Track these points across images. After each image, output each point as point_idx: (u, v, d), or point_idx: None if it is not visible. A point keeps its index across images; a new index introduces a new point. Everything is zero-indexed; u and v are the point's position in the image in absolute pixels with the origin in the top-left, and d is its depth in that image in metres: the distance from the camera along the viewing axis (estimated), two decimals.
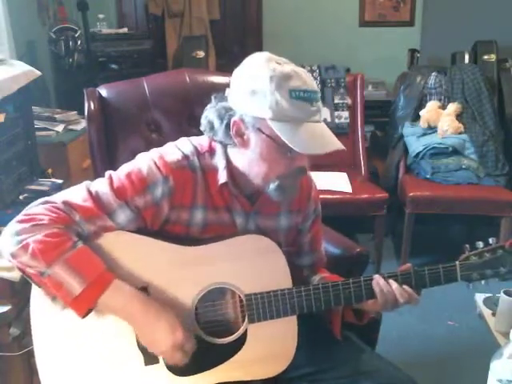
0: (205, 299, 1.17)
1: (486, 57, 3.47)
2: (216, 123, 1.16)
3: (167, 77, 1.99)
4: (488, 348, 1.28)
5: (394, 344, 2.30)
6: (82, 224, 1.09)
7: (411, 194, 2.87)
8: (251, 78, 1.09)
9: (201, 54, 4.01)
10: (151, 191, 1.13)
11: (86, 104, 1.70)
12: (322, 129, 1.11)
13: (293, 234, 1.34)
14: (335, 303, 1.20)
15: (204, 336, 1.18)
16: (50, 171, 2.29)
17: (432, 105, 3.24)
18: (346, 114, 3.36)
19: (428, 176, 3.03)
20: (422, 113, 3.24)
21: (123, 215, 1.12)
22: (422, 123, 3.21)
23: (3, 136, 1.98)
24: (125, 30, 4.04)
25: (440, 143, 3.08)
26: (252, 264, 1.18)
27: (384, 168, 3.43)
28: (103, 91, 1.73)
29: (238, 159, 1.17)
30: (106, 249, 1.11)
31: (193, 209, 1.18)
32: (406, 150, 3.24)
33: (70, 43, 3.41)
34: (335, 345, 1.31)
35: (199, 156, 1.19)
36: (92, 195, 1.11)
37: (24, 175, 2.10)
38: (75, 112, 2.88)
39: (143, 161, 1.16)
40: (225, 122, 1.14)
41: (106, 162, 1.68)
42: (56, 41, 3.43)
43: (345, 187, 2.91)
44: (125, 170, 1.15)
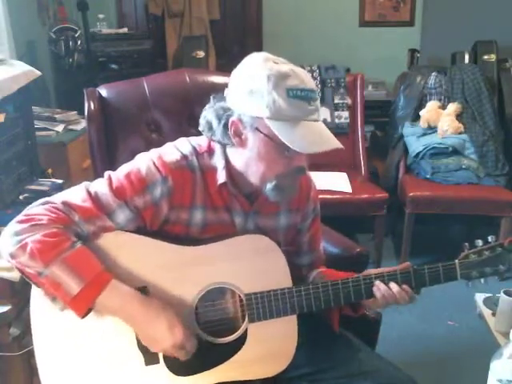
0: (205, 299, 1.17)
1: (486, 57, 3.47)
2: (214, 123, 1.16)
3: (167, 77, 1.99)
4: (488, 348, 1.28)
5: (394, 344, 2.30)
6: (82, 224, 1.09)
7: (411, 194, 2.87)
8: (249, 78, 1.09)
9: (201, 54, 4.01)
10: (150, 191, 1.13)
11: (86, 104, 1.70)
12: (320, 128, 1.10)
13: (292, 234, 1.34)
14: (335, 302, 1.20)
15: (204, 336, 1.18)
16: (50, 171, 2.29)
17: (432, 105, 3.24)
18: (346, 114, 3.36)
19: (428, 176, 3.03)
20: (422, 113, 3.24)
21: (122, 215, 1.12)
22: (422, 123, 3.21)
23: (3, 136, 1.98)
24: (125, 30, 4.04)
25: (440, 143, 3.08)
26: (252, 263, 1.18)
27: (384, 168, 3.43)
28: (103, 91, 1.74)
29: (237, 159, 1.17)
30: (106, 249, 1.11)
31: (192, 209, 1.18)
32: (406, 150, 3.24)
33: (70, 43, 3.41)
34: (335, 345, 1.31)
35: (198, 156, 1.19)
36: (91, 195, 1.11)
37: (24, 175, 2.10)
38: (75, 112, 2.88)
39: (142, 161, 1.17)
40: (223, 122, 1.14)
41: (106, 162, 1.68)
42: (56, 41, 3.43)
43: (345, 187, 2.91)
44: (124, 171, 1.16)
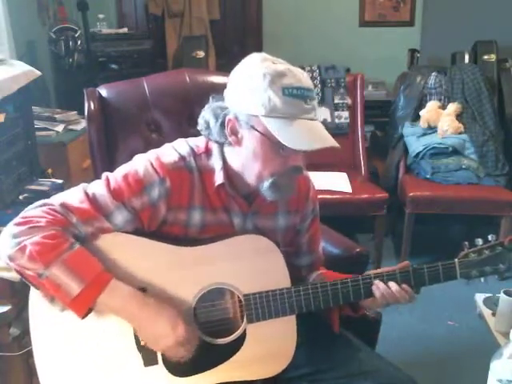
0: (204, 299, 1.17)
1: (486, 57, 3.47)
2: (211, 122, 1.16)
3: (167, 77, 1.99)
4: (488, 348, 1.28)
5: (394, 344, 2.30)
6: (79, 226, 1.09)
7: (411, 194, 2.87)
8: (245, 77, 1.10)
9: (201, 54, 4.01)
10: (148, 192, 1.13)
11: (86, 104, 1.70)
12: (316, 126, 1.10)
13: (290, 234, 1.34)
14: (334, 302, 1.20)
15: (203, 336, 1.18)
16: (50, 171, 2.29)
17: (432, 105, 3.23)
18: (346, 114, 3.36)
19: (428, 176, 3.03)
20: (422, 113, 3.24)
21: (120, 216, 1.12)
22: (422, 123, 3.21)
23: (3, 136, 1.98)
24: (125, 30, 4.04)
25: (440, 143, 3.07)
26: (251, 264, 1.18)
27: (384, 168, 3.43)
28: (103, 91, 1.73)
29: (234, 159, 1.18)
30: (104, 250, 1.11)
31: (190, 209, 1.18)
32: (406, 150, 3.24)
33: (70, 43, 3.41)
34: (335, 345, 1.31)
35: (196, 157, 1.19)
36: (89, 197, 1.11)
37: (24, 175, 2.10)
38: (75, 112, 2.88)
39: (140, 162, 1.17)
40: (220, 121, 1.15)
41: (106, 162, 1.68)
42: (56, 41, 3.43)
43: (345, 187, 2.91)
44: (121, 172, 1.16)
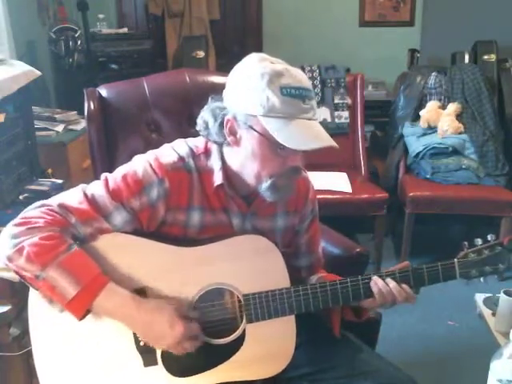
0: (203, 299, 1.17)
1: (486, 57, 3.47)
2: (210, 122, 1.16)
3: (167, 77, 1.99)
4: (488, 348, 1.28)
5: (394, 344, 2.30)
6: (79, 226, 1.09)
7: (411, 194, 2.87)
8: (244, 77, 1.10)
9: (201, 54, 4.01)
10: (147, 193, 1.13)
11: (86, 104, 1.70)
12: (315, 126, 1.10)
13: (289, 235, 1.34)
14: (333, 302, 1.20)
15: (202, 336, 1.17)
16: (50, 171, 2.29)
17: (432, 105, 3.23)
18: (346, 114, 3.36)
19: (428, 176, 3.03)
20: (422, 113, 3.24)
21: (119, 217, 1.12)
22: (422, 123, 3.21)
23: (3, 136, 1.98)
24: (125, 30, 4.04)
25: (440, 143, 3.07)
26: (250, 264, 1.18)
27: (384, 168, 3.43)
28: (103, 91, 1.73)
29: (233, 159, 1.17)
30: (103, 251, 1.11)
31: (189, 210, 1.18)
32: (406, 150, 3.24)
33: (70, 43, 3.41)
34: (335, 345, 1.31)
35: (195, 157, 1.19)
36: (88, 198, 1.11)
37: (24, 175, 2.10)
38: (75, 112, 2.88)
39: (139, 163, 1.17)
40: (218, 121, 1.15)
41: (106, 162, 1.68)
42: (56, 41, 3.43)
43: (345, 187, 2.91)
44: (120, 172, 1.16)
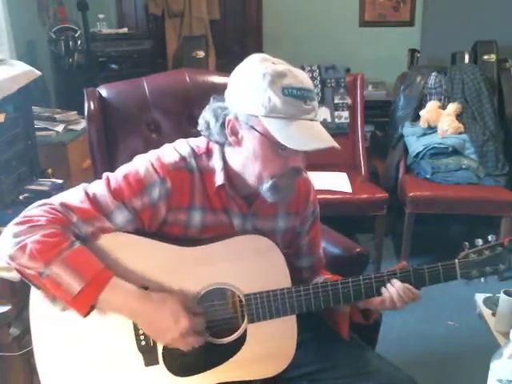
0: (204, 299, 1.17)
1: (486, 57, 3.47)
2: (212, 122, 1.16)
3: (167, 77, 1.99)
4: (488, 348, 1.28)
5: (394, 344, 2.30)
6: (80, 225, 1.09)
7: (411, 194, 2.87)
8: (245, 77, 1.10)
9: (201, 54, 4.01)
10: (148, 193, 1.13)
11: (86, 104, 1.70)
12: (316, 127, 1.10)
13: (290, 236, 1.34)
14: (334, 302, 1.20)
15: (205, 335, 1.17)
16: (50, 171, 2.29)
17: (432, 105, 3.23)
18: (346, 114, 3.36)
19: (428, 176, 3.03)
20: (422, 113, 3.24)
21: (121, 216, 1.12)
22: (422, 123, 3.21)
23: (3, 136, 1.98)
24: (125, 30, 4.04)
25: (440, 143, 3.08)
26: (251, 264, 1.18)
27: (384, 168, 3.43)
28: (103, 91, 1.73)
29: (234, 159, 1.18)
30: (104, 250, 1.11)
31: (190, 210, 1.18)
32: (406, 150, 3.24)
33: (70, 43, 3.41)
34: (335, 344, 1.31)
35: (196, 157, 1.19)
36: (89, 197, 1.11)
37: (24, 175, 2.10)
38: (75, 112, 2.88)
39: (140, 162, 1.17)
40: (220, 121, 1.15)
41: (106, 162, 1.68)
42: (56, 41, 3.43)
43: (345, 187, 2.91)
44: (122, 172, 1.16)
